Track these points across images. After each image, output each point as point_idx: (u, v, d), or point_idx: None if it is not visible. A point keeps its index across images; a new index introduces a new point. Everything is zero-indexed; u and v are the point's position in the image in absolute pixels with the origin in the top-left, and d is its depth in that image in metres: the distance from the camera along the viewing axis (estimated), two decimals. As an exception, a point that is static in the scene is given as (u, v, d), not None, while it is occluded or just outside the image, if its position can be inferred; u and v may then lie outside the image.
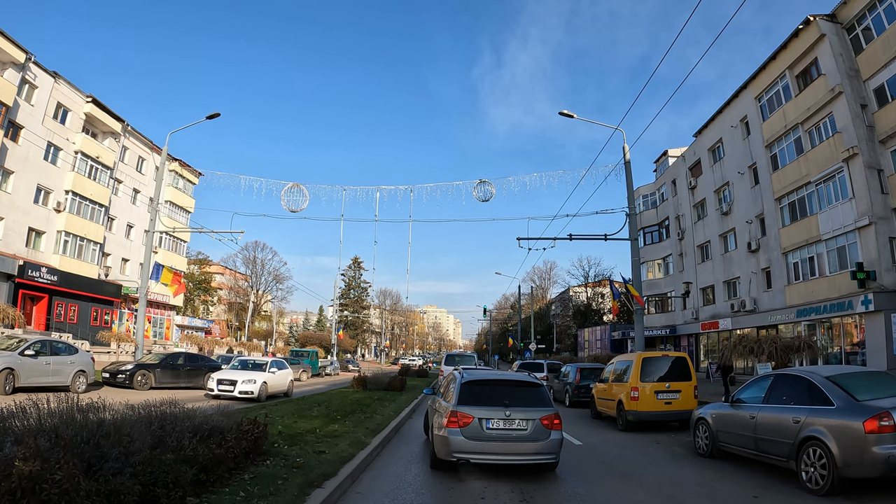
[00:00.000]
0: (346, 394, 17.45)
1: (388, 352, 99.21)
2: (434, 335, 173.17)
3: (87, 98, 34.76)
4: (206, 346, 38.54)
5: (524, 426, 6.89)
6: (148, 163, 41.78)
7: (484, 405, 6.99)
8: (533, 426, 6.89)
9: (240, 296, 74.29)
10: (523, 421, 6.90)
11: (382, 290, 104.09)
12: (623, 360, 13.14)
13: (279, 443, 7.33)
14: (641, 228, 40.43)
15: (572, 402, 18.11)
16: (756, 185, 27.52)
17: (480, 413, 6.88)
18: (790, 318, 24.00)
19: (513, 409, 6.92)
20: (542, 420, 6.91)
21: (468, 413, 6.87)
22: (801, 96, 24.34)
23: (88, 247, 35.03)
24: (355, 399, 15.34)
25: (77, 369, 14.58)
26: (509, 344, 61.41)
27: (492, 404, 6.99)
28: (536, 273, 79.64)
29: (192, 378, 18.60)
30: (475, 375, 7.78)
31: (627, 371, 12.13)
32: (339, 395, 17.13)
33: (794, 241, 24.39)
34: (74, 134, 33.87)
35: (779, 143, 25.90)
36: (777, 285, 25.61)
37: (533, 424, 6.89)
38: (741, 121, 28.93)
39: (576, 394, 17.96)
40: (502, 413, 6.88)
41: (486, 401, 7.07)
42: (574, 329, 59.82)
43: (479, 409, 6.93)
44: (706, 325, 30.78)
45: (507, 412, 6.88)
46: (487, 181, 19.88)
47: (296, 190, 20.55)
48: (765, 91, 26.96)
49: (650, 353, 12.83)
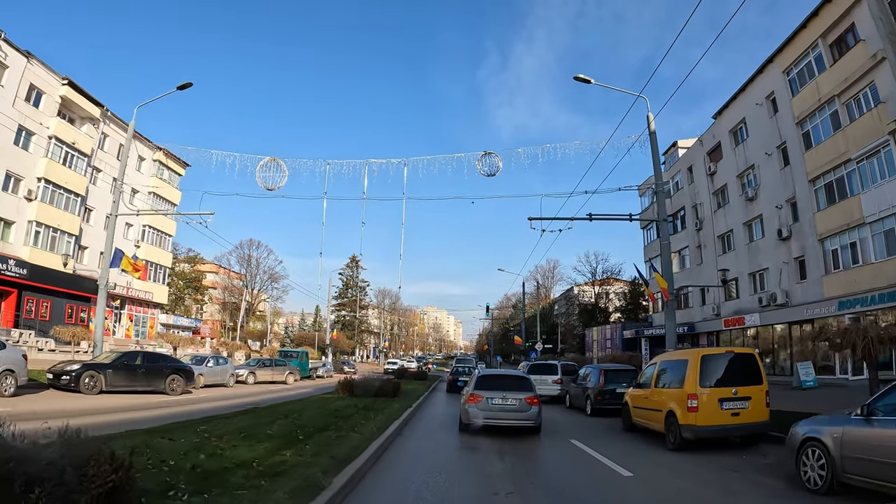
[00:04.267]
0: (328, 401, 14.86)
1: (387, 353, 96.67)
2: (434, 336, 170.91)
3: (63, 80, 32.46)
4: (183, 346, 36.01)
5: (515, 403, 10.51)
6: (130, 151, 39.34)
7: (490, 390, 10.75)
8: (520, 403, 10.50)
9: (234, 295, 72.09)
10: (514, 400, 10.53)
11: (381, 289, 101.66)
12: (671, 360, 10.61)
13: (176, 490, 4.55)
14: (654, 220, 38.03)
15: (595, 410, 15.40)
16: (786, 167, 25.09)
17: (488, 395, 10.64)
18: (830, 312, 21.51)
19: (507, 393, 10.63)
20: (526, 399, 10.54)
21: (480, 394, 10.66)
22: (837, 66, 21.97)
23: (62, 238, 32.66)
24: (335, 408, 12.63)
25: (3, 368, 12.16)
26: (516, 342, 58.83)
27: (495, 389, 10.75)
28: (539, 272, 77.17)
29: (150, 380, 16.19)
30: (485, 372, 12.27)
31: (679, 373, 9.54)
32: (317, 403, 14.56)
33: (833, 226, 21.96)
34: (49, 118, 31.58)
35: (811, 119, 23.51)
36: (813, 276, 23.14)
37: (520, 402, 10.50)
38: (767, 98, 26.53)
39: (599, 400, 15.20)
40: (501, 395, 10.59)
41: (491, 387, 10.84)
42: (580, 329, 57.37)
43: (487, 392, 10.71)
44: (730, 321, 28.27)
45: (504, 394, 10.60)
46: (493, 153, 17.48)
47: (273, 165, 18.19)
48: (794, 64, 24.58)
49: (711, 350, 10.10)
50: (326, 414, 11.43)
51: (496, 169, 17.40)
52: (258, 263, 72.97)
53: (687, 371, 9.24)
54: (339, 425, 9.78)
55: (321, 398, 16.31)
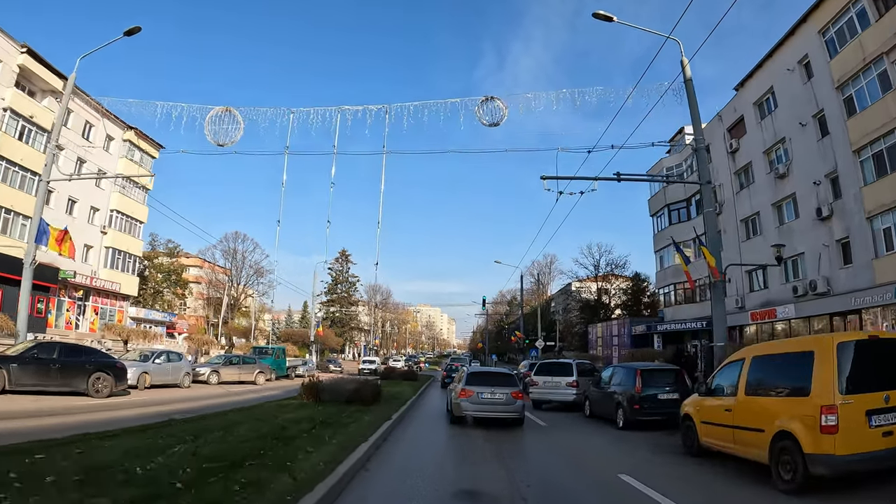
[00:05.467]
0: (282, 410, 11.67)
1: (378, 350, 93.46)
2: (428, 334, 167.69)
3: (22, 48, 29.38)
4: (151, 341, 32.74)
5: (501, 397, 11.99)
6: (97, 130, 36.07)
7: (479, 385, 12.22)
8: (506, 397, 11.99)
9: (219, 290, 68.76)
10: (501, 394, 12.02)
11: (371, 285, 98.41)
12: (778, 353, 7.37)
13: None
14: (666, 206, 35.20)
15: (628, 423, 12.13)
16: (824, 138, 22.27)
17: (478, 389, 12.08)
18: (885, 300, 18.65)
19: (495, 388, 12.15)
20: (511, 394, 12.05)
21: (471, 389, 12.10)
22: (884, 21, 19.26)
23: (17, 221, 29.49)
24: (283, 423, 9.25)
25: None
26: (512, 340, 55.68)
27: (483, 384, 12.25)
28: (536, 267, 74.34)
29: (68, 378, 13.04)
30: (474, 369, 14.42)
31: (798, 373, 6.35)
32: (268, 412, 11.33)
33: (884, 202, 19.16)
34: (4, 89, 28.50)
35: (854, 82, 20.73)
36: (860, 259, 20.29)
37: (506, 396, 12.00)
38: (800, 62, 23.72)
39: (637, 410, 11.91)
40: (490, 390, 12.09)
41: (480, 383, 12.33)
42: (581, 326, 54.44)
43: (477, 387, 12.14)
44: (758, 314, 25.37)
45: (493, 389, 12.10)
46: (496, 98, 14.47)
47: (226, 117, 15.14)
48: (832, 22, 21.81)
49: (850, 336, 6.45)
50: (264, 433, 7.98)
51: (500, 117, 14.39)
52: (244, 258, 69.77)
53: (815, 369, 6.05)
54: (269, 454, 6.45)
55: (278, 405, 13.09)
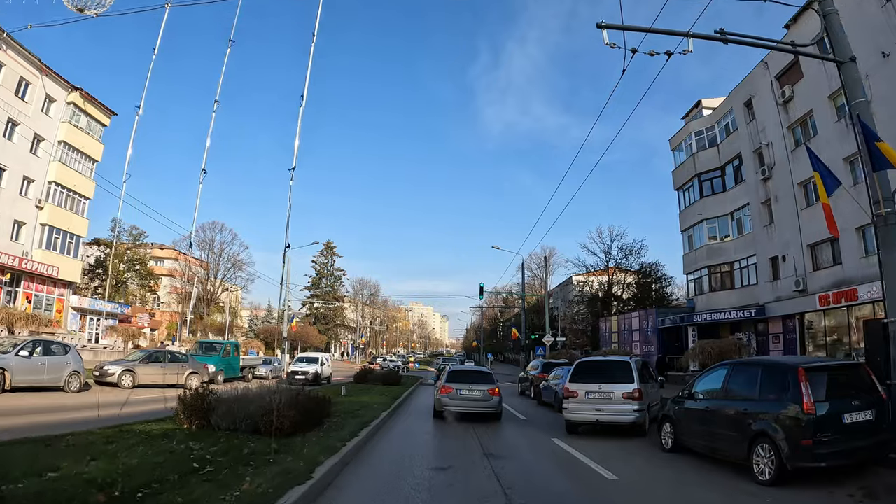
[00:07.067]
0: (126, 446, 6.30)
1: (365, 349, 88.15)
2: (420, 333, 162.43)
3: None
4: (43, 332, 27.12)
5: (479, 394, 13.23)
6: (35, 88, 30.64)
7: (459, 382, 13.52)
8: (483, 394, 13.24)
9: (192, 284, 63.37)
10: (479, 391, 13.28)
11: (359, 279, 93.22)
12: None
13: None
14: (697, 175, 30.29)
15: (786, 472, 6.39)
16: (921, 68, 17.47)
17: (457, 386, 13.34)
18: None
19: (473, 385, 13.42)
20: (488, 391, 13.32)
21: (450, 386, 13.38)
22: None
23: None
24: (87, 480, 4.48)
25: None
26: (514, 336, 50.47)
27: (463, 382, 13.54)
28: (534, 260, 69.19)
29: None
30: (454, 368, 15.68)
31: None
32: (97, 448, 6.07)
33: None
34: None
35: (967, -5, 15.94)
36: None
37: (483, 393, 13.25)
38: (881, -19, 18.91)
39: (808, 447, 6.26)
40: (468, 387, 13.32)
41: (460, 380, 13.63)
42: (586, 321, 49.38)
43: (456, 384, 13.43)
44: (827, 297, 20.35)
45: (470, 386, 13.35)
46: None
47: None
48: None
49: None
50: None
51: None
52: (221, 249, 64.42)
53: None
54: None
55: (136, 433, 7.44)
